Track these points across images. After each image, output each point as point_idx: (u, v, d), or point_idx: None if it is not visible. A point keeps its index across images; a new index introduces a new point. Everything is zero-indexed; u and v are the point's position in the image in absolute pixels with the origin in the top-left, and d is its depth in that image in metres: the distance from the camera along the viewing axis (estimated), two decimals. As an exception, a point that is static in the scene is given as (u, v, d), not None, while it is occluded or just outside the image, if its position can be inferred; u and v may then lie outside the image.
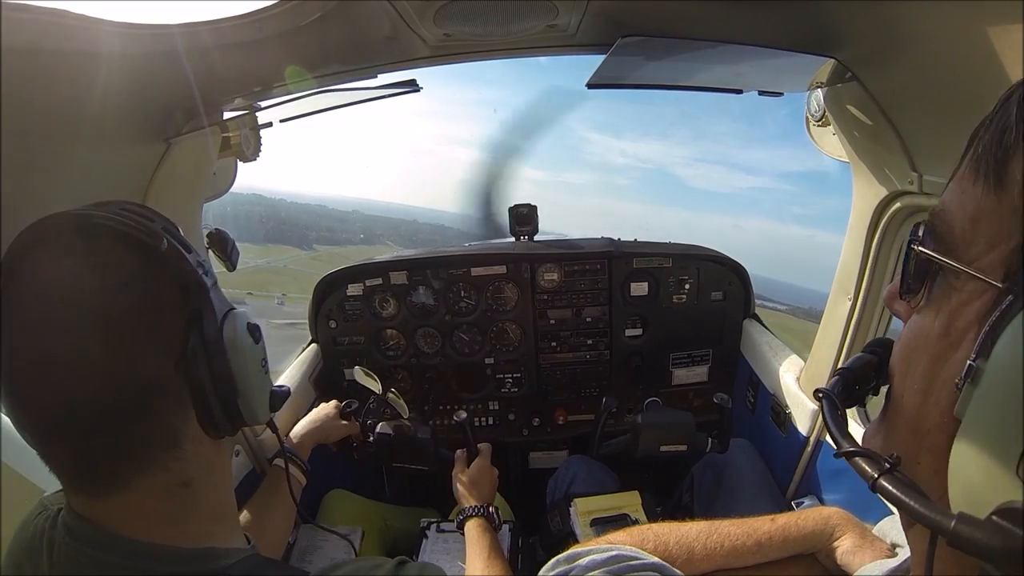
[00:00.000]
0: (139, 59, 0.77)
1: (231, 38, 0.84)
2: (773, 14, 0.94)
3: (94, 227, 0.54)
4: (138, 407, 0.54)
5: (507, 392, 1.98)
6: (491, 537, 1.21)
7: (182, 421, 0.58)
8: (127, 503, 0.55)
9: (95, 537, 0.55)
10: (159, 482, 0.56)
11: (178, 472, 0.57)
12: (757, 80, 1.15)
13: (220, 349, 0.59)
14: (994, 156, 0.34)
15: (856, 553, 0.77)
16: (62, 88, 0.72)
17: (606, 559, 0.65)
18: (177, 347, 0.56)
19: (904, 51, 0.86)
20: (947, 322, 0.37)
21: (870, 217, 1.16)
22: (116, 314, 0.53)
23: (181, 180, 1.06)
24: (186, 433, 0.58)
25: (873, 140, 1.07)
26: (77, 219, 0.54)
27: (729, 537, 0.79)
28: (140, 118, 0.91)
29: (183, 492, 0.58)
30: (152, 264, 0.56)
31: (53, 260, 0.53)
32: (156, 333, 0.55)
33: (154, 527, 0.56)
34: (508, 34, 1.09)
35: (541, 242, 1.92)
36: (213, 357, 0.58)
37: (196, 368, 0.57)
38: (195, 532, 0.59)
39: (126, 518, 0.56)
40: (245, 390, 0.62)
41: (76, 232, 0.54)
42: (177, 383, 0.56)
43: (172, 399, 0.56)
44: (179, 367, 0.56)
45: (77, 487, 0.56)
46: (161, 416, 0.56)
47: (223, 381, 0.60)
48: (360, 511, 1.54)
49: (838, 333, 1.30)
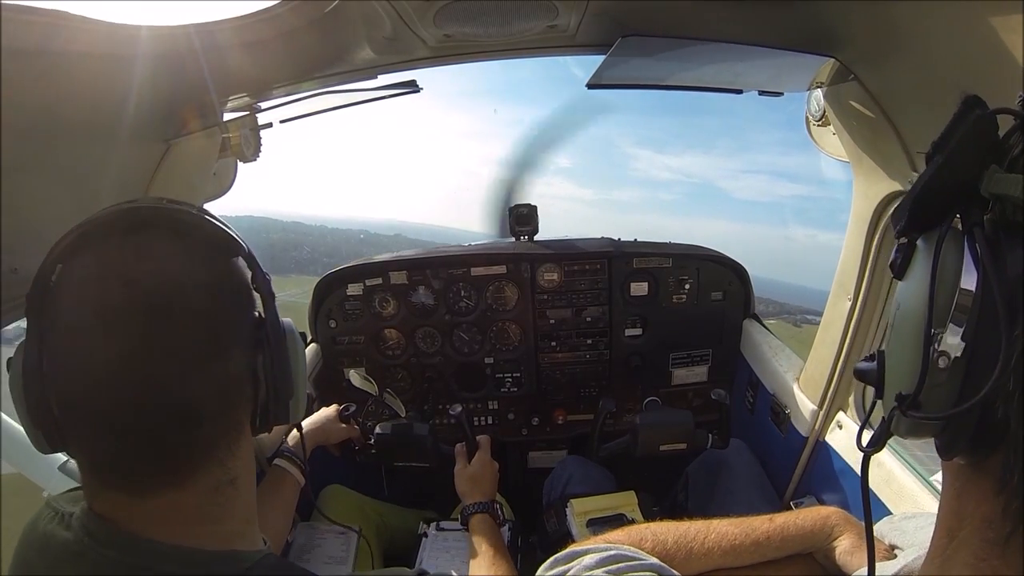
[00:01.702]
0: (139, 60, 0.77)
1: (231, 39, 0.84)
2: (773, 14, 0.94)
3: (186, 226, 0.55)
4: (221, 402, 0.55)
5: (506, 392, 1.98)
6: (496, 534, 1.21)
7: (245, 416, 0.59)
8: (171, 503, 0.54)
9: (115, 539, 0.53)
10: (213, 479, 0.57)
11: (231, 468, 0.58)
12: (757, 80, 1.15)
13: (284, 352, 0.61)
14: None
15: (854, 553, 0.77)
16: (63, 89, 0.72)
17: (604, 559, 0.64)
18: (251, 347, 0.58)
19: (904, 50, 0.86)
20: None
21: (870, 217, 1.16)
22: (214, 311, 0.54)
23: (181, 180, 1.06)
24: (244, 429, 0.60)
25: (873, 140, 1.07)
26: (162, 212, 0.55)
27: (727, 536, 0.79)
28: (140, 119, 0.91)
29: (229, 490, 0.58)
30: (235, 268, 0.58)
31: (146, 249, 0.53)
32: (240, 332, 0.57)
33: (190, 527, 0.55)
34: (508, 34, 1.09)
35: (541, 242, 1.92)
36: (279, 359, 0.60)
37: (265, 367, 0.59)
38: (226, 532, 0.59)
39: (162, 518, 0.54)
40: (298, 391, 0.65)
41: (170, 228, 0.55)
42: (248, 380, 0.58)
43: (244, 396, 0.58)
44: (249, 365, 0.58)
45: (118, 487, 0.54)
46: (235, 413, 0.58)
47: (284, 381, 0.61)
48: (357, 507, 1.54)
49: (838, 333, 1.30)
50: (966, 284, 0.36)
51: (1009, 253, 0.35)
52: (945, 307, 0.37)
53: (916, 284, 0.41)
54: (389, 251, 1.99)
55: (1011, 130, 0.36)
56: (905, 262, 0.43)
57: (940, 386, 0.38)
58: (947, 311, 0.37)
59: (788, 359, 1.62)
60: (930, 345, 0.38)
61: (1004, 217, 0.37)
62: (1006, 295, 0.34)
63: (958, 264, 0.37)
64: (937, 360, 0.38)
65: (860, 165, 1.16)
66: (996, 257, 0.35)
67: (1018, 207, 0.35)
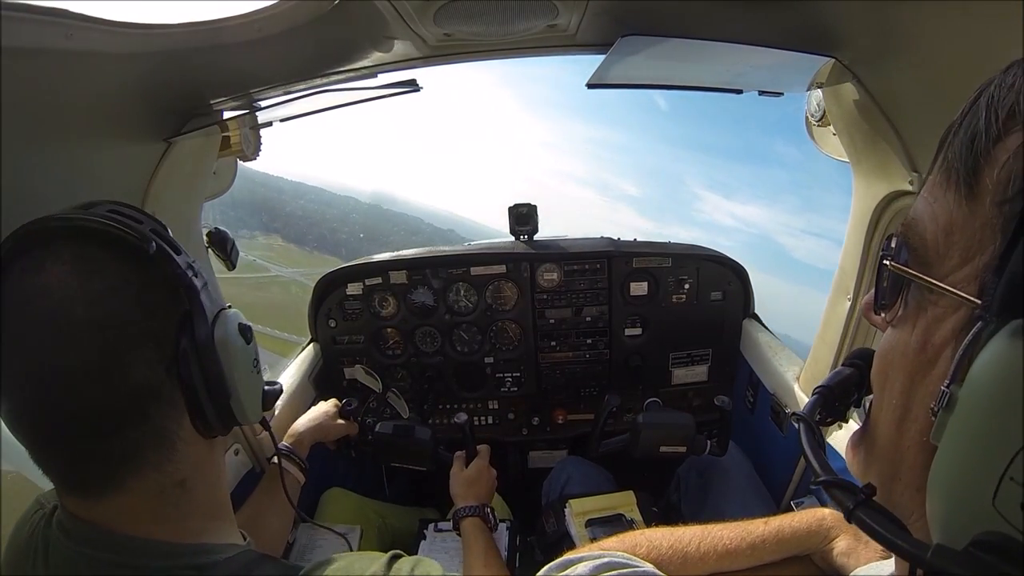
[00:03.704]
0: (139, 59, 0.77)
1: (231, 38, 0.84)
2: (773, 14, 0.94)
3: (81, 231, 0.53)
4: (131, 413, 0.54)
5: (506, 391, 1.98)
6: (487, 537, 1.22)
7: (175, 423, 0.58)
8: (121, 504, 0.56)
9: (89, 535, 0.55)
10: (153, 483, 0.57)
11: (171, 473, 0.58)
12: (757, 80, 1.15)
13: (211, 351, 0.59)
14: (964, 164, 0.33)
15: (851, 555, 0.77)
16: (62, 88, 0.72)
17: (598, 566, 0.64)
18: (169, 350, 0.56)
19: (904, 51, 0.86)
20: (923, 337, 0.36)
21: (869, 217, 1.16)
22: (107, 321, 0.52)
23: (181, 180, 1.06)
24: (179, 435, 0.58)
25: (873, 140, 1.07)
26: (64, 223, 0.53)
27: (723, 540, 0.79)
28: (140, 118, 0.91)
29: (177, 492, 0.58)
30: (141, 268, 0.56)
31: (41, 267, 0.52)
32: (147, 338, 0.55)
33: (150, 525, 0.57)
34: (508, 34, 1.09)
35: (541, 242, 1.92)
36: (204, 359, 0.58)
37: (188, 371, 0.57)
38: (190, 529, 0.59)
39: (121, 518, 0.56)
40: (237, 391, 0.62)
41: (63, 237, 0.53)
42: (169, 386, 0.56)
43: (165, 403, 0.56)
44: (171, 370, 0.56)
45: (70, 490, 0.56)
46: (154, 420, 0.56)
47: (215, 383, 0.59)
48: (358, 510, 1.54)
49: (837, 334, 1.30)
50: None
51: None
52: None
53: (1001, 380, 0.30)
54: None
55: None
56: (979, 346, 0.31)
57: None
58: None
59: (788, 359, 1.62)
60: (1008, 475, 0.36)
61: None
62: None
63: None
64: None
65: (860, 165, 1.16)
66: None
67: None
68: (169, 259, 0.57)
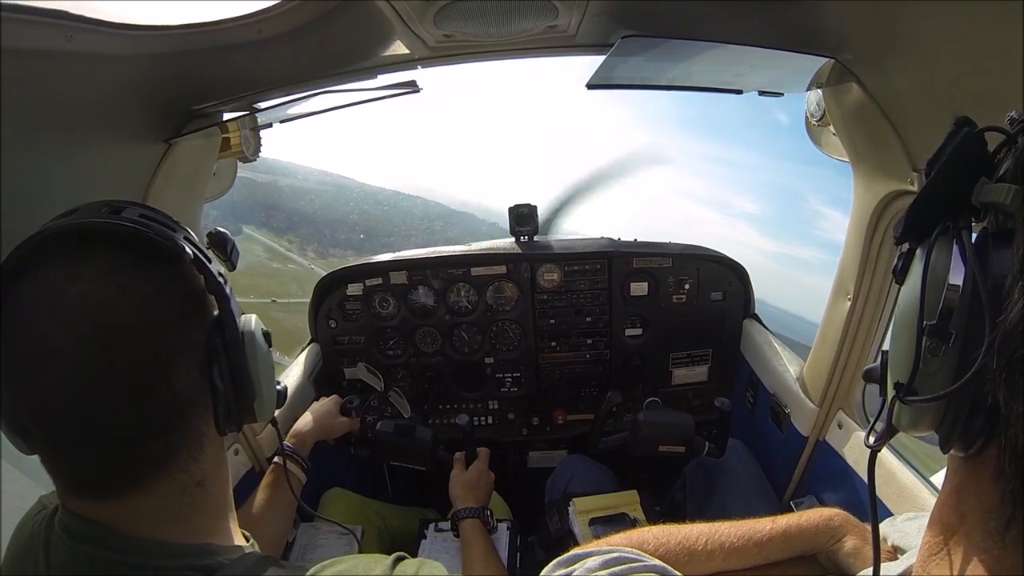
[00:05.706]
0: (140, 61, 0.77)
1: (232, 39, 0.84)
2: (773, 14, 0.94)
3: (117, 237, 0.53)
4: (172, 418, 0.54)
5: (507, 391, 1.98)
6: (486, 538, 1.22)
7: (205, 424, 0.58)
8: (137, 504, 0.55)
9: (93, 535, 0.55)
10: (177, 484, 0.57)
11: (195, 473, 0.58)
12: (757, 80, 1.15)
13: (241, 355, 0.60)
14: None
15: (858, 555, 0.76)
16: (63, 89, 0.72)
17: (607, 560, 0.64)
18: (201, 354, 0.57)
19: (904, 51, 0.86)
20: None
21: (869, 217, 1.16)
22: (149, 330, 0.52)
23: (181, 181, 1.06)
24: (207, 435, 0.59)
25: (873, 140, 1.07)
26: (98, 227, 0.52)
27: (730, 538, 0.79)
28: (141, 119, 0.91)
29: (197, 491, 0.58)
30: (178, 275, 0.56)
31: (76, 271, 0.50)
32: (187, 346, 0.55)
33: (160, 525, 0.56)
34: (508, 35, 1.09)
35: (541, 242, 1.92)
36: (235, 363, 0.59)
37: (220, 374, 0.58)
38: (197, 529, 0.59)
39: (132, 518, 0.55)
40: (261, 392, 0.64)
41: (97, 241, 0.52)
42: (203, 390, 0.57)
43: (200, 406, 0.57)
44: (204, 374, 0.57)
45: (83, 492, 0.55)
46: (190, 423, 0.56)
47: (243, 385, 0.61)
48: (359, 509, 1.54)
49: (837, 333, 1.30)
50: (954, 280, 0.40)
51: (996, 253, 0.38)
52: (936, 301, 0.40)
53: (911, 284, 0.44)
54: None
55: (999, 145, 0.40)
56: (904, 267, 0.46)
57: (935, 373, 0.41)
58: (938, 304, 0.40)
59: (788, 359, 1.62)
60: (923, 335, 0.41)
61: (995, 224, 0.40)
62: (989, 288, 0.38)
63: (947, 263, 0.41)
64: (930, 349, 0.41)
65: (860, 165, 1.16)
66: (982, 255, 0.39)
67: (1007, 214, 0.38)
68: (203, 267, 0.58)
